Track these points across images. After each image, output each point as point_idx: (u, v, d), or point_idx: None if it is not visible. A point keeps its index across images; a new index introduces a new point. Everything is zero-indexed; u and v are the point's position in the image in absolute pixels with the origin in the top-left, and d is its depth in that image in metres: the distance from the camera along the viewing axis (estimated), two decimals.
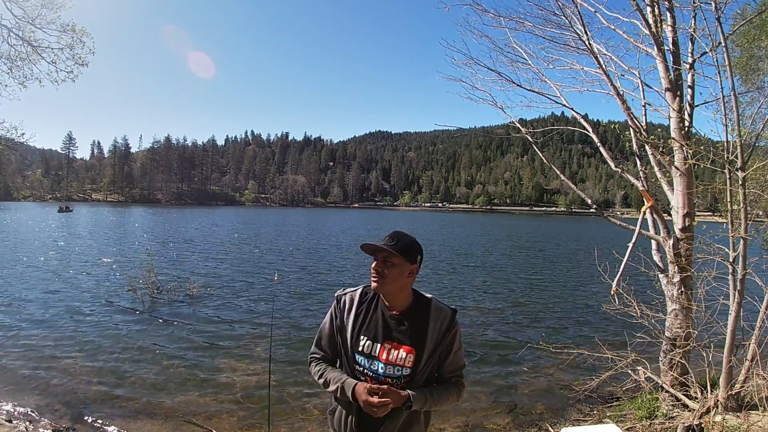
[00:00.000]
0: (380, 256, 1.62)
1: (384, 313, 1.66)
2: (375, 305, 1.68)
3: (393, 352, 1.61)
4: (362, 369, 1.63)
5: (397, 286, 1.62)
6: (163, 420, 4.51)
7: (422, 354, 1.61)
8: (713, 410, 3.80)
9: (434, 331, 1.63)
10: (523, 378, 5.97)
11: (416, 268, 1.66)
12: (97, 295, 10.02)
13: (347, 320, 1.68)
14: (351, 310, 1.69)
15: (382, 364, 1.61)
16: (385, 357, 1.61)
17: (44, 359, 6.00)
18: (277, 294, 10.75)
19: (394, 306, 1.66)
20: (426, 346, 1.61)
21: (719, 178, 4.33)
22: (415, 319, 1.65)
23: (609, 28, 4.77)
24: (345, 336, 1.67)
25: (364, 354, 1.63)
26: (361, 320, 1.67)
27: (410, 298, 1.68)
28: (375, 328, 1.64)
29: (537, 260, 20.03)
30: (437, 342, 1.63)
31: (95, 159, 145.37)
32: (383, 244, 1.60)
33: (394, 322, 1.64)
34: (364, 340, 1.64)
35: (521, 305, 10.47)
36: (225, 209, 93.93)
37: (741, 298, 3.76)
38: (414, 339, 1.62)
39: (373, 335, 1.64)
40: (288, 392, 5.23)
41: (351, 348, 1.65)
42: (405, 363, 1.61)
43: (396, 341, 1.62)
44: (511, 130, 5.85)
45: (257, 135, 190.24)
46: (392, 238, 1.63)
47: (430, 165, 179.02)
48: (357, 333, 1.65)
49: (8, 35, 6.40)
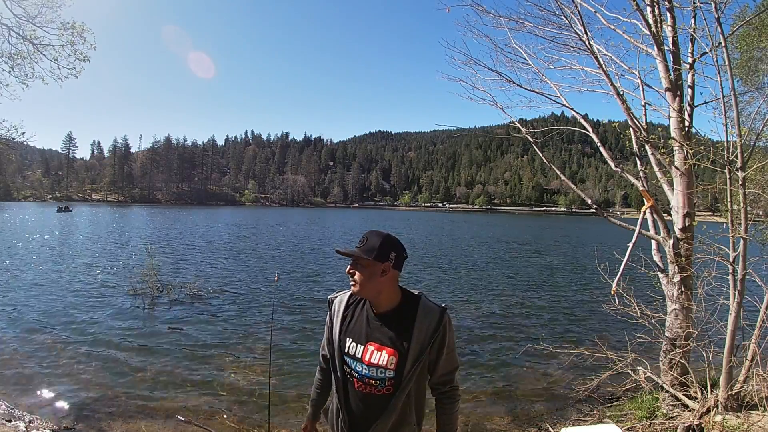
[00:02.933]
0: (351, 260, 1.61)
1: (369, 314, 1.65)
2: (361, 307, 1.68)
3: (375, 354, 1.58)
4: (350, 370, 1.64)
5: (372, 288, 1.57)
6: (163, 420, 4.51)
7: (406, 356, 1.55)
8: (713, 410, 3.80)
9: (420, 331, 1.56)
10: (523, 378, 5.96)
11: (389, 266, 1.56)
12: (97, 295, 10.02)
13: (335, 322, 1.70)
14: (339, 312, 1.71)
15: (365, 366, 1.60)
16: (367, 359, 1.59)
17: (44, 359, 6.00)
18: (277, 294, 10.75)
19: (380, 307, 1.62)
20: (411, 348, 1.55)
21: (719, 178, 4.32)
22: (399, 319, 1.60)
23: (609, 28, 4.77)
24: (334, 338, 1.69)
25: (349, 355, 1.64)
26: (347, 322, 1.68)
27: (397, 297, 1.62)
28: (359, 329, 1.64)
29: (537, 260, 20.02)
30: (425, 343, 1.56)
31: (95, 159, 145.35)
32: (352, 248, 1.60)
33: (377, 323, 1.62)
34: (350, 342, 1.64)
35: (521, 305, 10.46)
36: (225, 209, 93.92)
37: (741, 298, 3.76)
38: (396, 340, 1.57)
39: (357, 337, 1.63)
40: (288, 392, 5.23)
41: (339, 350, 1.66)
42: (387, 365, 1.56)
43: (378, 342, 1.59)
44: (511, 130, 5.85)
45: (257, 135, 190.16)
46: (361, 240, 1.60)
47: (430, 165, 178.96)
48: (343, 335, 1.66)
49: (9, 34, 6.40)
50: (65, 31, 6.52)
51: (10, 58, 6.44)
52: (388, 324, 1.60)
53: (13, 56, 6.44)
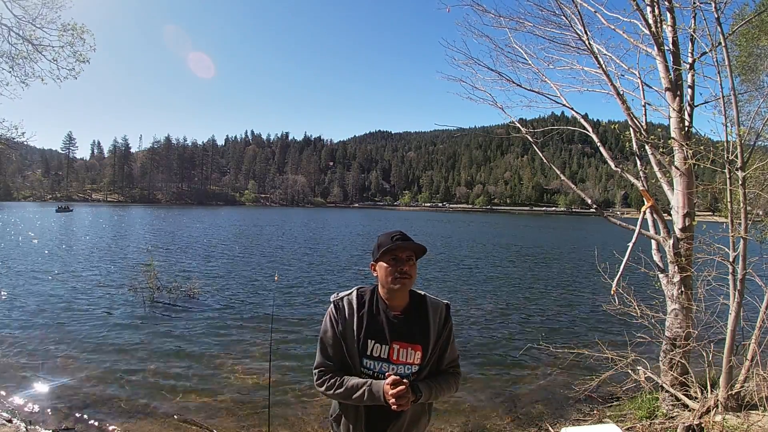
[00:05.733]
0: (405, 256, 1.61)
1: (387, 313, 1.65)
2: (377, 307, 1.67)
3: (402, 351, 1.63)
4: (371, 372, 1.62)
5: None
6: (163, 420, 4.51)
7: (428, 349, 1.65)
8: (713, 410, 3.80)
9: (434, 326, 1.67)
10: (523, 378, 5.97)
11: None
12: (97, 295, 10.02)
13: (351, 325, 1.64)
14: (353, 314, 1.65)
15: (393, 365, 1.62)
16: (395, 357, 1.62)
17: (44, 359, 6.00)
18: (277, 294, 10.75)
19: (396, 306, 1.66)
20: (430, 342, 1.65)
21: (719, 178, 4.33)
22: (416, 316, 1.67)
23: (609, 28, 4.78)
24: (351, 341, 1.63)
25: (372, 357, 1.62)
26: (366, 324, 1.64)
27: (407, 296, 1.70)
28: (380, 330, 1.63)
29: (537, 260, 20.02)
30: (437, 336, 1.68)
31: (95, 159, 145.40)
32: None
33: (398, 321, 1.65)
34: (372, 344, 1.62)
35: (521, 305, 10.46)
36: (225, 209, 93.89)
37: (741, 298, 3.76)
38: (420, 336, 1.65)
39: (380, 337, 1.63)
40: (288, 392, 5.23)
41: (359, 353, 1.62)
42: (414, 361, 1.64)
43: (404, 340, 1.63)
44: (511, 130, 5.85)
45: (257, 135, 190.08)
46: (406, 237, 1.63)
47: (430, 165, 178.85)
48: (364, 337, 1.62)
49: (8, 34, 6.40)
50: (65, 33, 6.52)
51: (10, 58, 6.45)
52: (408, 321, 1.66)
53: (12, 56, 6.44)
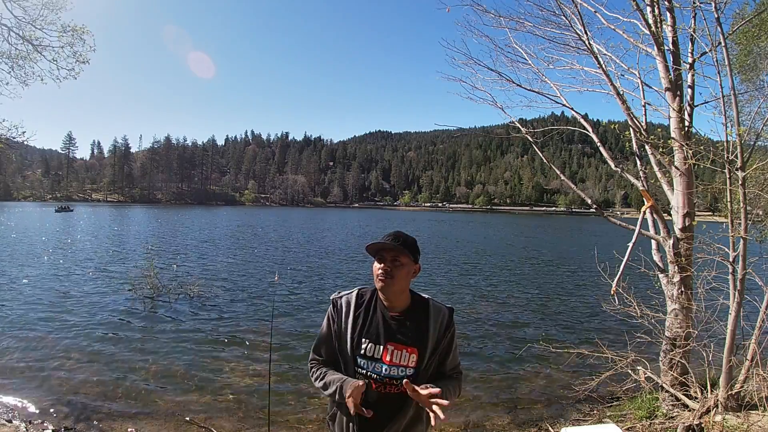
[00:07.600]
0: (389, 256, 1.61)
1: (384, 314, 1.65)
2: (374, 307, 1.67)
3: (396, 353, 1.61)
4: (364, 372, 1.62)
5: (402, 286, 1.63)
6: (163, 420, 4.51)
7: (425, 354, 1.62)
8: (713, 410, 3.80)
9: (434, 330, 1.64)
10: (523, 378, 5.97)
11: (418, 268, 1.68)
12: (97, 295, 10.02)
13: (346, 324, 1.66)
14: (349, 313, 1.67)
15: (385, 366, 1.61)
16: (388, 358, 1.61)
17: (44, 359, 6.00)
18: (277, 294, 10.75)
19: (394, 307, 1.66)
20: (428, 346, 1.63)
21: (719, 178, 4.33)
22: (415, 319, 1.65)
23: (609, 28, 4.77)
24: (345, 340, 1.65)
25: (366, 357, 1.62)
26: (361, 323, 1.65)
27: (409, 298, 1.68)
28: (376, 330, 1.63)
29: (537, 260, 20.02)
30: (437, 341, 1.65)
31: (95, 159, 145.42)
32: (390, 243, 1.60)
33: (395, 323, 1.64)
34: (366, 343, 1.63)
35: (521, 305, 10.46)
36: (225, 209, 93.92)
37: (741, 298, 3.76)
38: (416, 339, 1.62)
39: (374, 337, 1.63)
40: (288, 392, 5.24)
41: (352, 351, 1.63)
42: (408, 363, 1.61)
43: (399, 342, 1.62)
44: (511, 130, 5.85)
45: (257, 135, 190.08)
46: (397, 237, 1.62)
47: (430, 165, 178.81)
48: (358, 336, 1.64)
49: (8, 34, 6.40)
50: (65, 33, 6.52)
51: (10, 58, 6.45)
52: (406, 323, 1.64)
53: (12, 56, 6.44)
